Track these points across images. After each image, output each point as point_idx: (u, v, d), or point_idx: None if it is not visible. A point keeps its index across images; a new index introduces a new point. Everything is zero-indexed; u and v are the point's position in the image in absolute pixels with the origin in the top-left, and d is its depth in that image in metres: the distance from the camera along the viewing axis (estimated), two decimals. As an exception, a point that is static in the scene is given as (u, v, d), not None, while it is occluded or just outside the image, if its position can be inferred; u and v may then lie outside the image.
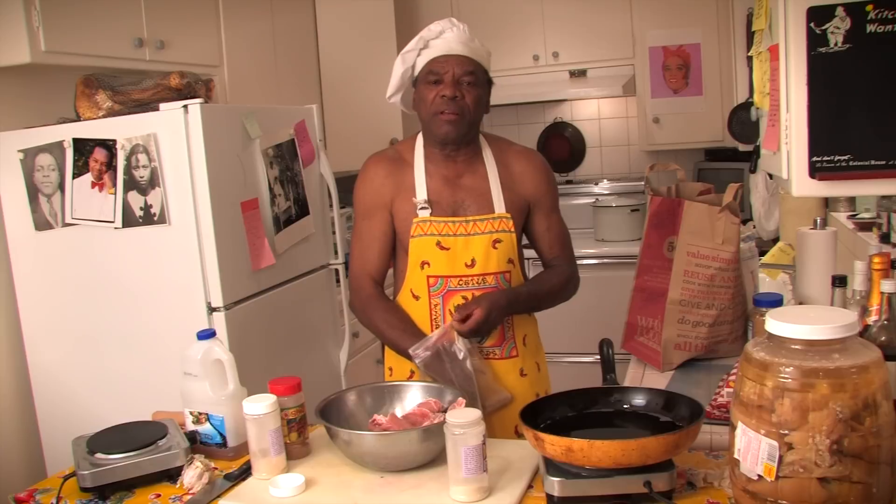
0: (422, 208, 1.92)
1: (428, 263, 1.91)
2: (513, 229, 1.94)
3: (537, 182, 2.00)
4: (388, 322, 1.94)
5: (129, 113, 2.43)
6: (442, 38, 1.90)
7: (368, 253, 1.99)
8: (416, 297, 1.93)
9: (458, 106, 1.89)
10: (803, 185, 1.49)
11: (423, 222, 1.91)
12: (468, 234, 1.91)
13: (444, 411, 1.56)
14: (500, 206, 1.94)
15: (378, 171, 1.98)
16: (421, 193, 1.93)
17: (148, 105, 2.45)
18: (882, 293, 1.47)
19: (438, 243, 1.90)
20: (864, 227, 2.43)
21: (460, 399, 1.58)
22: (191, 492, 1.51)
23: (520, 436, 1.94)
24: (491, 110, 2.06)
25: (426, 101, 1.92)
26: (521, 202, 1.98)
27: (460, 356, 1.82)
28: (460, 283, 1.91)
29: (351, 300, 2.04)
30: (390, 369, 2.05)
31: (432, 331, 1.92)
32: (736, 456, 1.21)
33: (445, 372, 1.81)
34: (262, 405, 1.52)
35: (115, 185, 2.38)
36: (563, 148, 4.75)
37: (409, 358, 1.86)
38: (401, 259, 1.99)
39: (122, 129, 2.37)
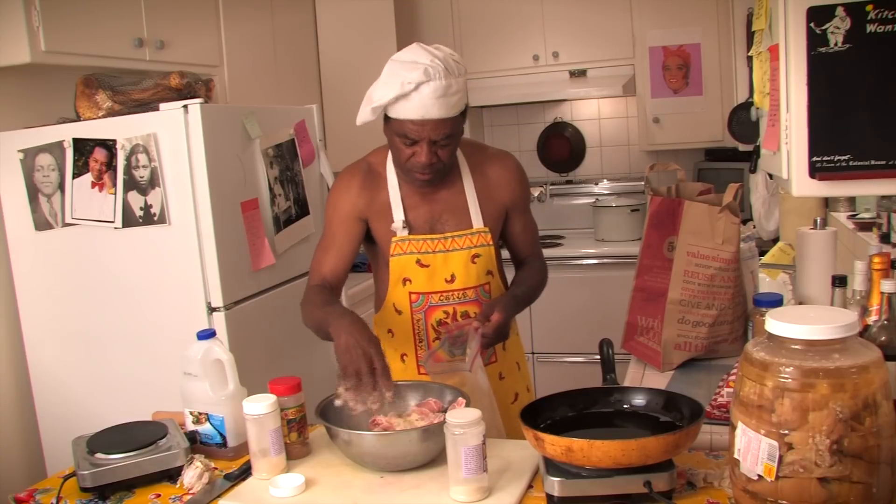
0: (400, 228, 1.90)
1: (409, 280, 1.91)
2: (491, 242, 1.94)
3: (513, 187, 1.99)
4: (312, 302, 1.83)
5: (129, 113, 2.43)
6: (418, 94, 1.72)
7: (326, 257, 1.93)
8: (399, 312, 1.94)
9: (434, 168, 1.82)
10: (803, 185, 1.48)
11: (402, 241, 1.90)
12: (447, 251, 1.91)
13: (444, 411, 1.56)
14: (478, 220, 1.93)
15: (352, 185, 1.94)
16: (398, 214, 1.90)
17: (148, 105, 2.45)
18: (882, 293, 1.47)
19: (418, 261, 1.90)
20: (864, 227, 2.42)
21: (460, 399, 1.58)
22: (191, 492, 1.51)
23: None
24: (491, 110, 2.04)
25: (399, 153, 1.82)
26: (499, 210, 1.98)
27: (482, 384, 1.77)
28: (441, 298, 1.91)
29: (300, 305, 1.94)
30: None
31: (414, 343, 1.93)
32: (736, 456, 1.21)
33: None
34: (262, 405, 1.52)
35: (115, 185, 2.39)
36: (563, 148, 4.74)
37: (325, 334, 1.75)
38: (382, 272, 1.97)
39: (122, 129, 2.37)
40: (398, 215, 1.91)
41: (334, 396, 1.59)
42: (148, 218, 2.38)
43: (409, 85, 1.72)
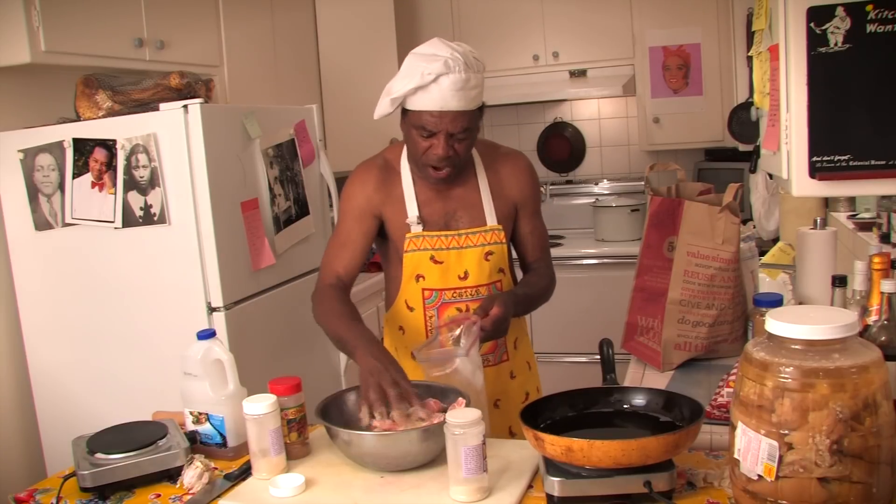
0: (414, 224, 1.91)
1: (422, 277, 1.91)
2: (504, 240, 1.94)
3: (523, 185, 2.00)
4: (335, 311, 1.82)
5: (129, 113, 2.43)
6: (437, 86, 1.74)
7: (341, 253, 1.93)
8: (411, 309, 1.94)
9: (451, 162, 1.83)
10: (803, 185, 1.49)
11: (416, 237, 1.90)
12: (461, 248, 1.91)
13: (444, 411, 1.56)
14: (491, 218, 1.93)
15: (370, 179, 1.94)
16: (412, 210, 1.91)
17: (148, 105, 2.45)
18: (882, 293, 1.47)
19: (432, 257, 1.90)
20: (864, 227, 2.42)
21: (460, 399, 1.58)
22: (191, 492, 1.51)
23: (513, 435, 1.95)
24: (491, 110, 2.04)
25: (416, 146, 1.83)
26: (510, 208, 1.98)
27: (476, 381, 1.75)
28: (454, 295, 1.91)
29: (312, 297, 1.94)
30: None
31: (427, 338, 1.91)
32: (736, 456, 1.21)
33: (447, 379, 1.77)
34: (262, 405, 1.52)
35: (115, 185, 2.39)
36: (563, 148, 4.75)
37: (346, 352, 1.78)
38: (395, 266, 1.97)
39: (122, 129, 2.37)
40: (412, 211, 1.91)
41: (359, 419, 1.61)
42: (148, 218, 2.38)
43: (429, 76, 1.74)
